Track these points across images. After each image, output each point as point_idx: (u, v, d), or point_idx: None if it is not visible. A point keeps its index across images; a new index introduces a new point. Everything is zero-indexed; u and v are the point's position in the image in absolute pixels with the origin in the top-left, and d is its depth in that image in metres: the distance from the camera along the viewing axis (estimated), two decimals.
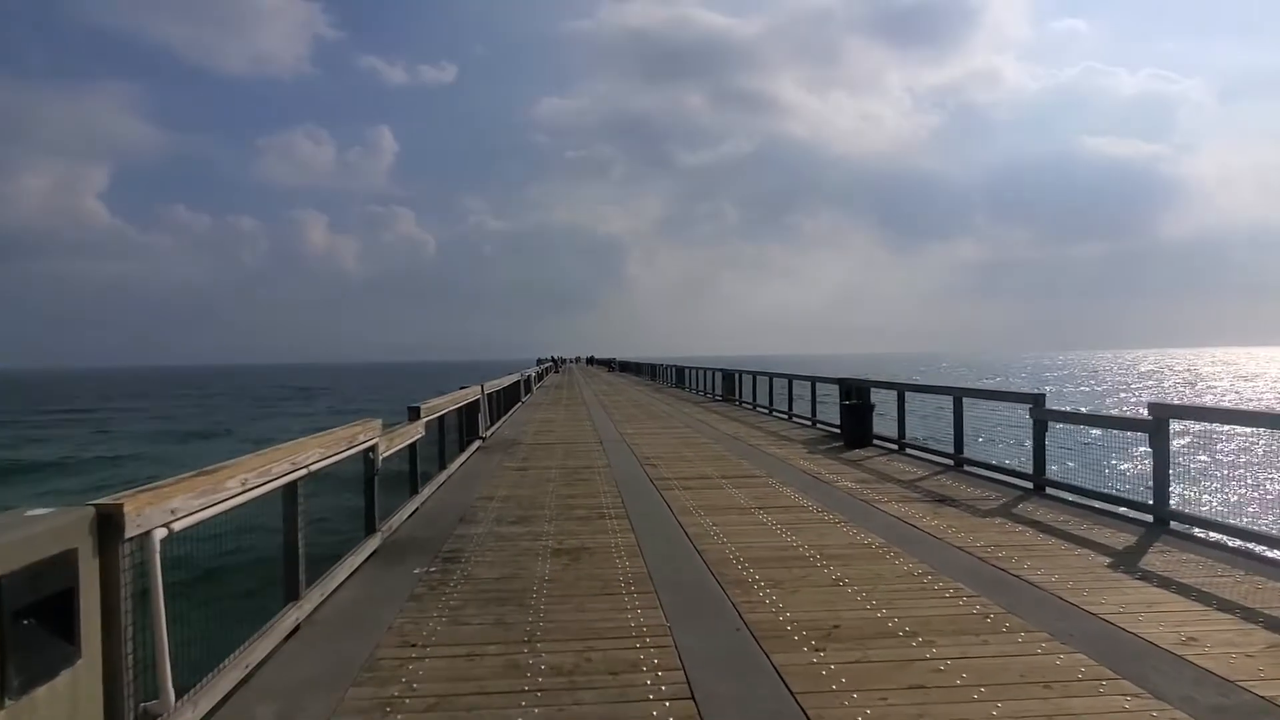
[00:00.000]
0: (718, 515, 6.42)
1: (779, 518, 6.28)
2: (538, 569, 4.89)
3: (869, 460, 9.57)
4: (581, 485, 8.01)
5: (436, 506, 6.96)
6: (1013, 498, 7.10)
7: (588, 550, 5.35)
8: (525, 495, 7.47)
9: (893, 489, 7.57)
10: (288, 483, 3.84)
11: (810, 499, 7.05)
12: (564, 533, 5.89)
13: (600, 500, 7.18)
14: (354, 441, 4.86)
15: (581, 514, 6.58)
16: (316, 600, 4.10)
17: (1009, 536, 5.64)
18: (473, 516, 6.52)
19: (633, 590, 4.44)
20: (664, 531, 5.90)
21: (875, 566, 4.87)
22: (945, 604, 4.16)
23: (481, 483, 8.22)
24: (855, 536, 5.65)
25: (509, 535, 5.82)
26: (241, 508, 3.35)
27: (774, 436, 12.51)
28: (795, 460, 9.62)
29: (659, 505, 6.93)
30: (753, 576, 4.66)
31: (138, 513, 2.45)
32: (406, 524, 6.17)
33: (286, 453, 3.79)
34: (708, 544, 5.47)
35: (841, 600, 4.23)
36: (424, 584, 4.60)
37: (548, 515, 6.52)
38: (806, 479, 8.20)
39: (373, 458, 5.39)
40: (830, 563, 4.94)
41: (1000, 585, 4.47)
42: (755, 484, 7.94)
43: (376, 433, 5.41)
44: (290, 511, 3.93)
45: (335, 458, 4.49)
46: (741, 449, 10.85)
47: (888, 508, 6.63)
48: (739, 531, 5.82)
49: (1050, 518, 6.24)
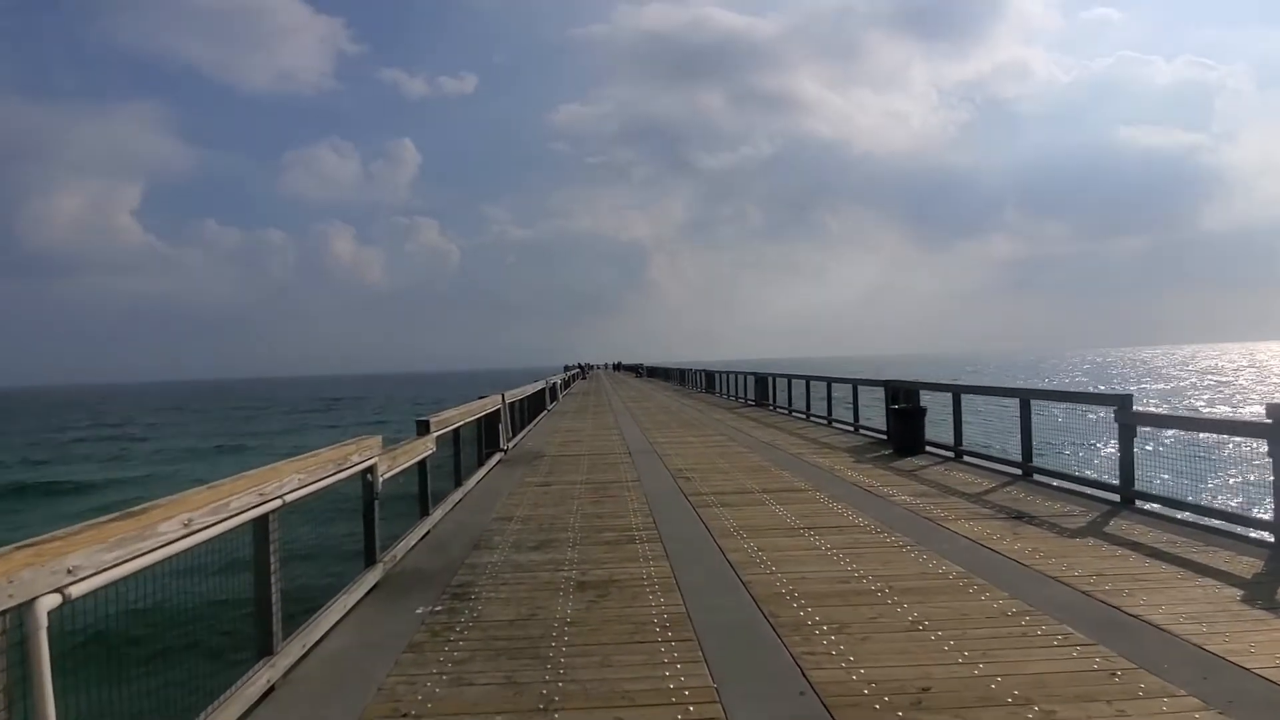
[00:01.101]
0: (762, 537, 5.68)
1: (833, 540, 5.52)
2: (558, 608, 4.20)
3: (924, 470, 8.73)
4: (609, 503, 7.32)
5: (449, 530, 6.33)
6: (1100, 513, 6.22)
7: (616, 583, 4.65)
8: (547, 515, 6.80)
9: (959, 504, 6.74)
10: (257, 517, 3.22)
11: (866, 517, 6.26)
12: (589, 561, 5.20)
13: (629, 520, 6.47)
14: (345, 463, 4.23)
15: (609, 537, 5.88)
16: (296, 653, 3.46)
17: (1109, 562, 4.80)
18: (488, 541, 5.86)
19: (670, 637, 3.73)
20: (702, 559, 5.18)
21: (958, 603, 4.08)
22: (1055, 656, 3.37)
23: (500, 501, 7.58)
24: (927, 564, 4.86)
25: (527, 565, 5.15)
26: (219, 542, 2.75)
27: (815, 444, 11.70)
28: (842, 470, 8.82)
29: (695, 526, 6.20)
30: (812, 617, 3.92)
31: (9, 577, 1.82)
32: (414, 552, 5.54)
33: (252, 482, 3.16)
34: (754, 574, 4.73)
35: (925, 651, 3.46)
36: (426, 628, 3.95)
37: (571, 539, 5.84)
38: (858, 493, 7.40)
39: (371, 480, 4.77)
40: (903, 599, 4.17)
41: (1117, 629, 3.66)
42: (801, 499, 7.16)
43: (375, 451, 4.78)
44: (261, 551, 3.30)
45: (320, 483, 3.86)
46: (782, 458, 10.07)
47: (957, 527, 5.82)
48: (789, 558, 5.08)
49: (1152, 538, 5.38)
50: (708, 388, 31.80)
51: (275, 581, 3.33)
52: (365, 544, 4.77)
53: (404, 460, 5.46)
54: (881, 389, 12.49)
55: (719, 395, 28.04)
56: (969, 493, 7.25)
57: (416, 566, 5.19)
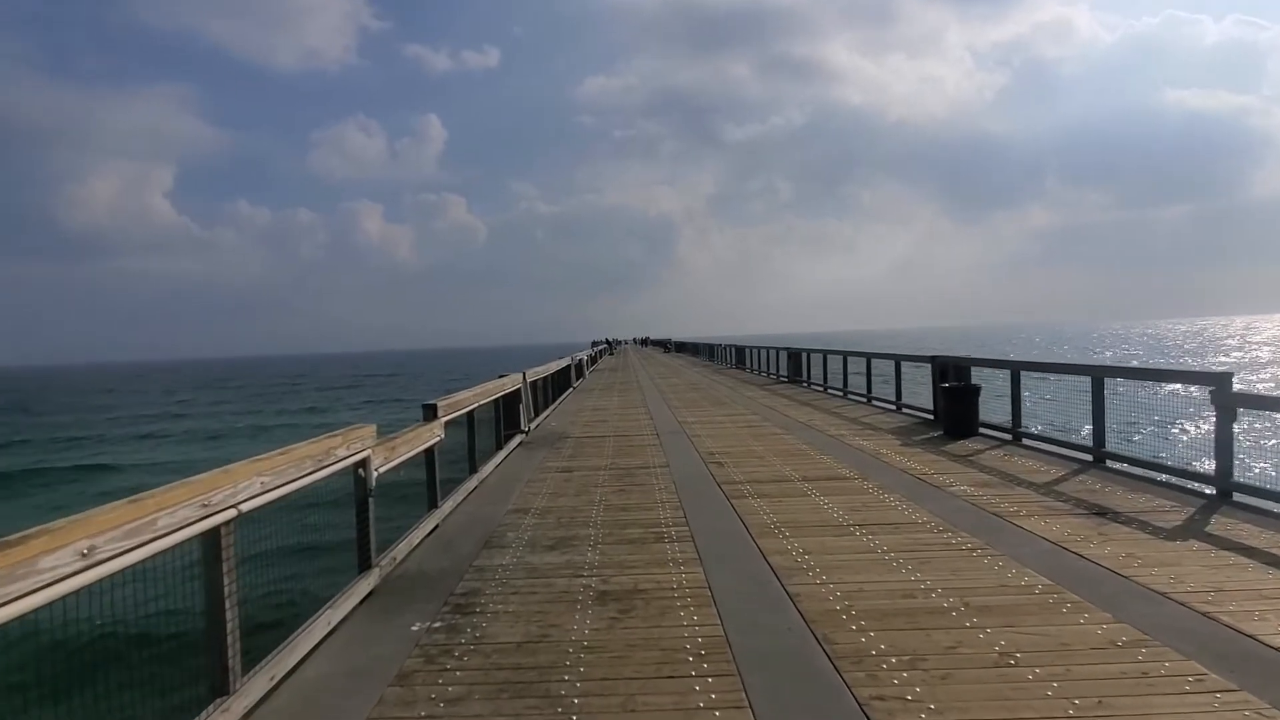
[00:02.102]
0: (807, 536, 5.02)
1: (890, 541, 4.84)
2: (574, 626, 3.61)
3: (980, 455, 7.95)
4: (635, 492, 6.71)
5: (459, 524, 5.78)
6: (1195, 509, 5.44)
7: (642, 595, 4.04)
8: (567, 507, 6.22)
9: (1028, 496, 5.98)
10: (205, 530, 2.66)
11: (924, 511, 5.56)
12: (611, 564, 4.60)
13: (657, 514, 5.86)
14: (326, 459, 3.66)
15: (634, 534, 5.28)
16: (261, 689, 2.92)
17: (1225, 573, 4.05)
18: (501, 538, 5.30)
19: (705, 670, 3.11)
20: (741, 563, 4.54)
21: (1053, 628, 3.40)
22: (1190, 706, 2.69)
23: (518, 489, 7.02)
24: (1004, 572, 4.16)
25: (542, 568, 4.57)
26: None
27: (856, 424, 10.94)
28: (889, 455, 8.08)
29: (730, 521, 5.57)
30: (875, 645, 3.27)
31: None
32: (418, 551, 4.99)
33: (194, 491, 2.59)
34: (801, 584, 4.09)
35: (1022, 696, 2.79)
36: (421, 651, 3.39)
37: (592, 537, 5.25)
38: (910, 481, 6.68)
39: (364, 475, 4.21)
40: (984, 621, 3.49)
41: (1261, 668, 2.95)
42: (847, 489, 6.48)
43: (368, 443, 4.22)
44: (213, 572, 2.75)
45: (291, 485, 3.29)
46: (821, 441, 9.35)
47: (1032, 525, 5.09)
48: (841, 564, 4.42)
49: (1268, 541, 4.60)
50: (738, 363, 31.02)
51: (232, 607, 2.77)
52: (358, 548, 4.22)
53: (405, 450, 4.90)
54: (926, 366, 11.68)
55: (749, 371, 27.26)
56: (1037, 482, 6.49)
57: (419, 568, 4.64)
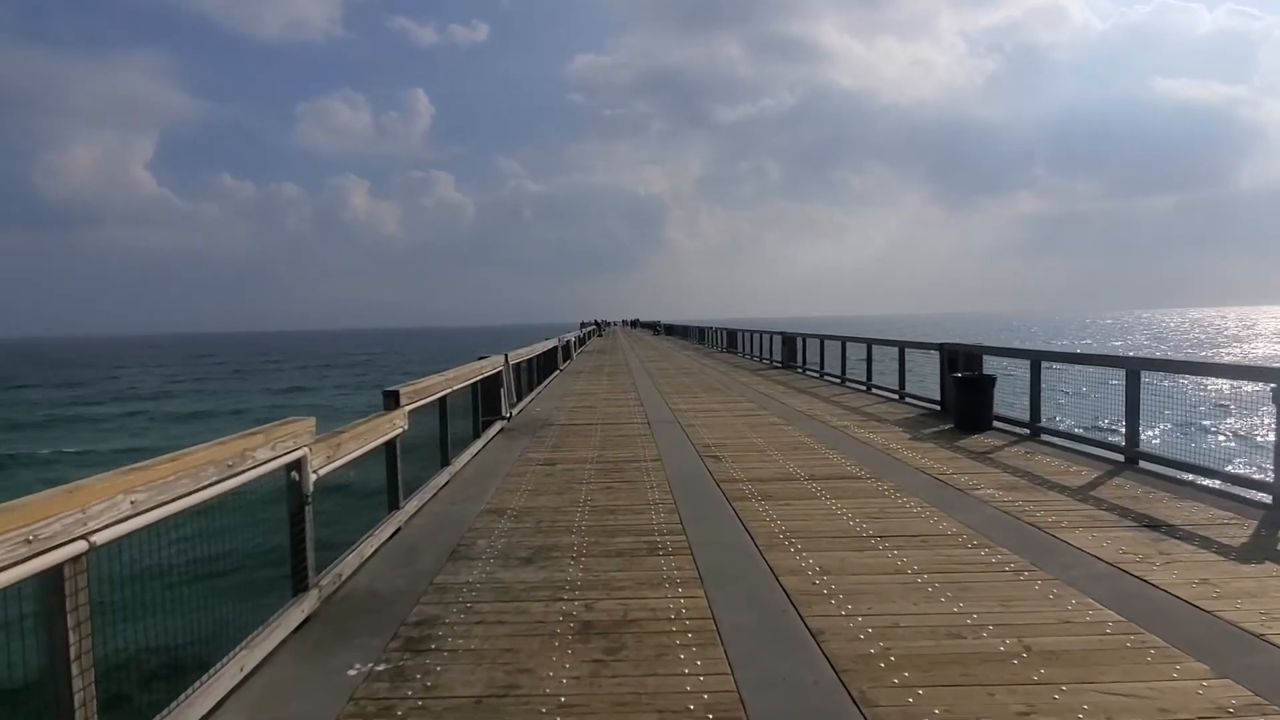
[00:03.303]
0: (823, 551, 4.36)
1: (919, 558, 4.17)
2: (549, 673, 2.92)
3: (1000, 453, 7.32)
4: (624, 491, 6.02)
5: (424, 527, 5.07)
6: (1258, 520, 4.81)
7: (633, 627, 3.36)
8: (548, 508, 5.52)
9: (1065, 503, 5.35)
10: (38, 572, 1.93)
11: (951, 520, 4.91)
12: (597, 583, 3.91)
13: (650, 518, 5.18)
14: (239, 463, 2.92)
15: (624, 544, 4.59)
16: None
17: None
18: (470, 547, 4.60)
19: None
20: (749, 585, 3.87)
21: (1141, 684, 2.74)
22: None
23: (495, 485, 6.32)
24: (1062, 603, 3.51)
25: (514, 588, 3.87)
26: None
27: (859, 415, 10.30)
28: (900, 451, 7.44)
29: (733, 529, 4.90)
30: (928, 709, 2.60)
31: None
32: (371, 563, 4.27)
33: (17, 519, 1.86)
34: (824, 617, 3.42)
35: None
36: (355, 708, 2.69)
37: (575, 546, 4.56)
38: (929, 483, 6.04)
39: (298, 478, 3.48)
40: (1054, 672, 2.83)
41: None
42: (861, 491, 5.82)
43: (304, 439, 3.48)
44: (52, 629, 2.02)
45: (180, 502, 2.55)
46: (824, 433, 8.70)
47: (1079, 539, 4.45)
48: (867, 588, 3.75)
49: None
50: (729, 347, 30.36)
51: (83, 671, 2.06)
52: (292, 566, 3.50)
53: (355, 446, 4.15)
54: (931, 353, 11.06)
55: (741, 355, 26.62)
56: (1069, 486, 5.86)
57: (369, 587, 3.93)
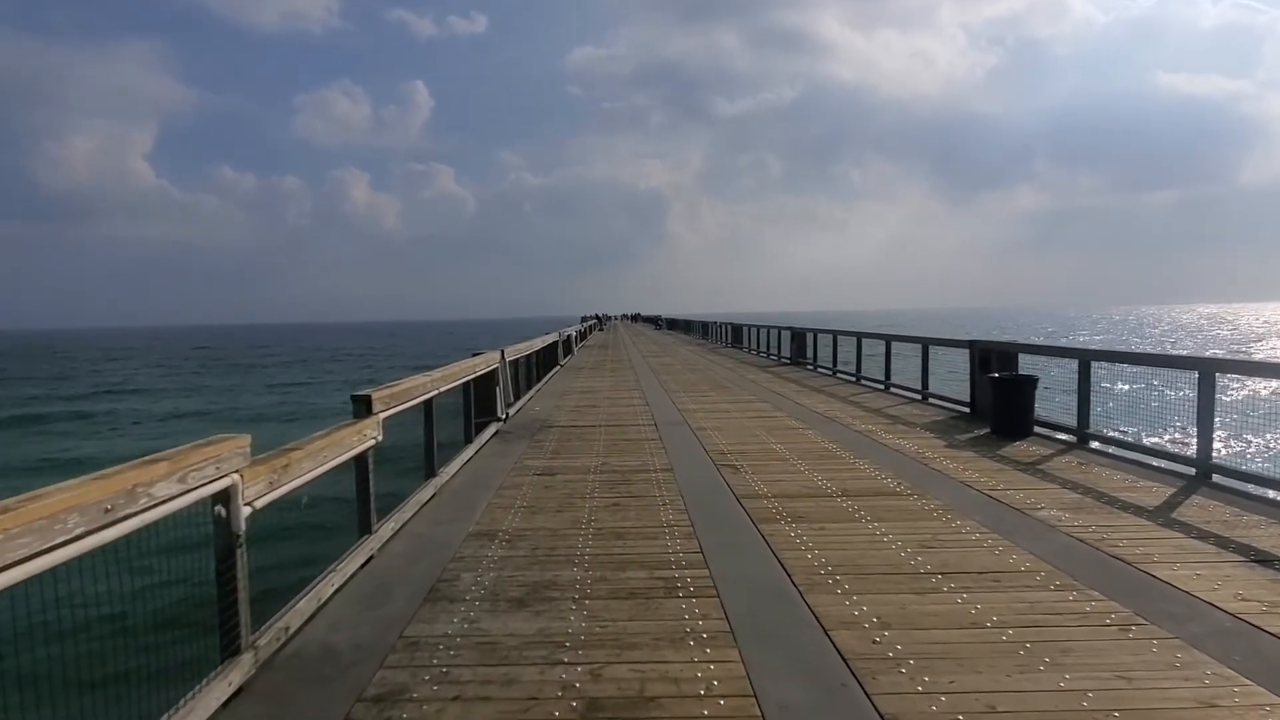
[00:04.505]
0: (877, 593, 3.61)
1: (996, 606, 3.42)
2: None
3: (1049, 463, 6.57)
4: (633, 509, 5.28)
5: (400, 557, 4.32)
6: None
7: (653, 708, 2.61)
8: (545, 530, 4.78)
9: (1146, 529, 4.59)
10: None
11: (1021, 551, 4.16)
12: (604, 637, 3.17)
13: (664, 545, 4.43)
14: (125, 505, 2.16)
15: (635, 581, 3.85)
16: None
17: None
18: (452, 584, 3.85)
19: None
20: (794, 646, 3.11)
21: None
22: None
23: (486, 500, 5.57)
24: (1196, 675, 2.76)
25: (503, 645, 3.13)
26: None
27: (882, 417, 9.55)
28: (938, 460, 6.69)
29: (763, 561, 4.15)
30: None
31: None
32: (330, 609, 3.52)
33: None
34: (898, 697, 2.66)
35: None
36: None
37: (578, 583, 3.82)
38: (980, 501, 5.29)
39: (226, 514, 2.73)
40: None
41: None
42: (904, 511, 5.07)
43: (233, 463, 2.72)
44: None
45: (21, 567, 1.80)
46: (849, 438, 7.95)
47: (1184, 580, 3.69)
48: (946, 651, 3.00)
49: None
50: (733, 342, 29.59)
51: None
52: (220, 624, 2.75)
53: (308, 466, 3.40)
54: (957, 351, 10.31)
55: (747, 351, 25.86)
56: (1143, 505, 5.11)
57: (324, 642, 3.18)
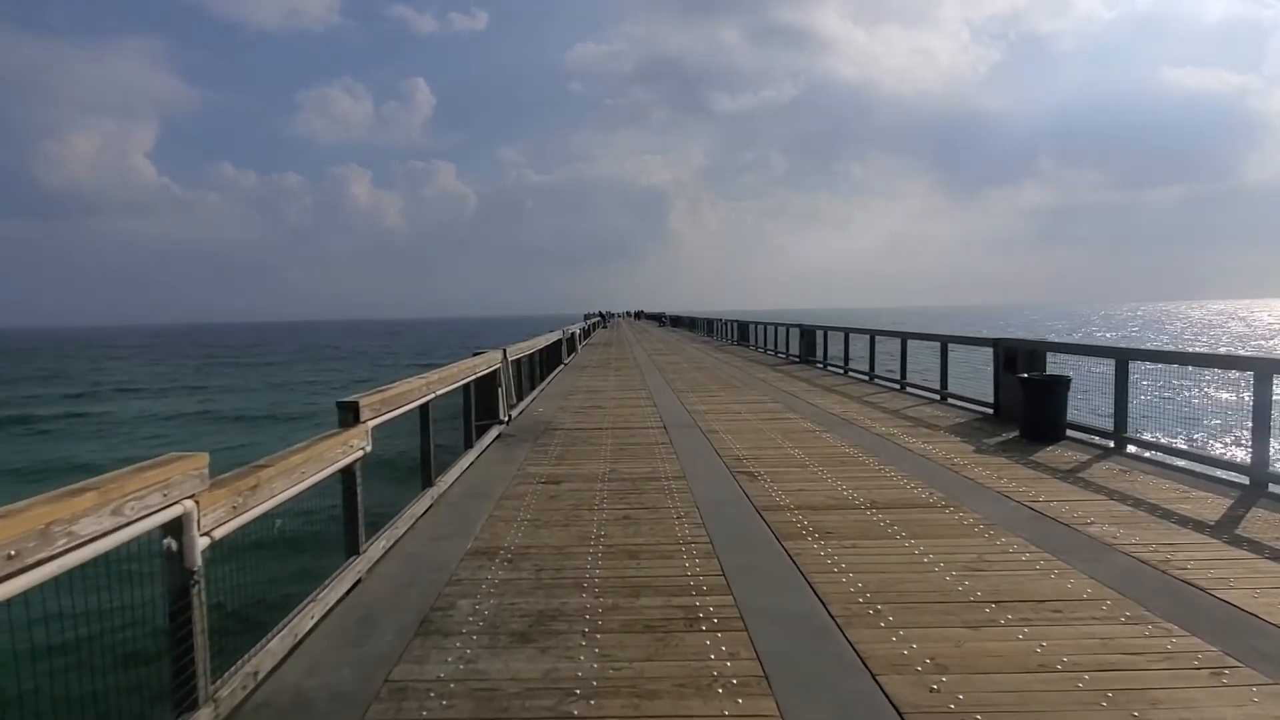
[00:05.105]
0: (929, 629, 3.19)
1: (1069, 644, 3.00)
2: None
3: (1087, 470, 6.14)
4: (646, 522, 4.86)
5: (390, 580, 3.91)
6: None
7: None
8: (550, 547, 4.37)
9: (1213, 549, 4.16)
10: None
11: (1081, 575, 3.73)
12: (620, 684, 2.76)
13: (682, 566, 4.02)
14: (37, 549, 1.75)
15: (651, 610, 3.43)
16: None
17: None
18: (447, 612, 3.44)
19: None
20: (840, 696, 2.68)
21: None
22: None
23: (486, 512, 5.16)
24: None
25: (503, 692, 2.72)
26: None
27: (902, 419, 9.12)
28: (969, 467, 6.26)
29: (794, 587, 3.72)
30: None
31: None
32: (307, 646, 3.11)
33: None
34: None
35: None
36: None
37: (587, 611, 3.40)
38: (1024, 514, 4.86)
39: (177, 549, 2.32)
40: None
41: None
42: (942, 526, 4.65)
43: (185, 488, 2.32)
44: None
45: None
46: (870, 442, 7.53)
47: (1275, 613, 3.28)
48: (1017, 703, 2.57)
49: None
50: (740, 339, 29.16)
51: None
52: (173, 674, 2.35)
53: (285, 484, 2.98)
54: (970, 348, 9.88)
55: (754, 349, 25.42)
56: (1201, 520, 4.68)
57: (298, 689, 2.77)
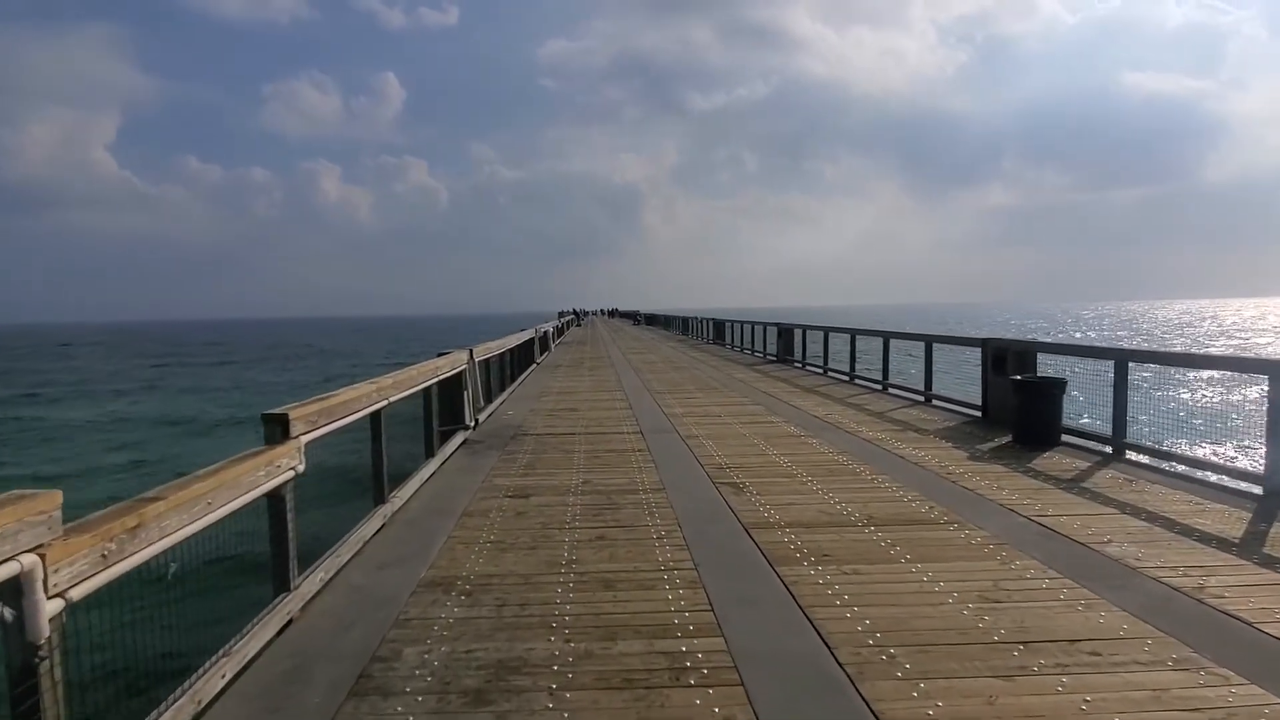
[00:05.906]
0: (952, 680, 2.75)
1: (1114, 696, 2.58)
2: None
3: (1091, 479, 5.80)
4: (622, 544, 4.37)
5: (328, 618, 3.37)
6: None
7: None
8: (516, 577, 3.85)
9: (1244, 570, 3.78)
10: None
11: (1111, 607, 3.34)
12: None
13: (664, 598, 3.54)
14: None
15: (630, 657, 2.95)
16: None
17: None
18: (389, 665, 2.92)
19: None
20: None
21: None
22: None
23: (445, 533, 4.63)
24: None
25: None
26: None
27: (889, 423, 8.75)
28: (967, 477, 5.88)
29: (793, 624, 3.27)
30: None
31: None
32: (213, 713, 2.58)
33: None
34: None
35: None
36: None
37: (556, 660, 2.91)
38: (1035, 532, 4.47)
39: (15, 616, 1.77)
40: None
41: None
42: (950, 547, 4.23)
43: (20, 539, 1.78)
44: None
45: None
46: (859, 448, 7.12)
47: None
48: None
49: None
50: (715, 338, 28.81)
51: None
52: None
53: (181, 522, 2.43)
54: (980, 350, 9.57)
55: (730, 348, 25.07)
56: (1224, 537, 4.33)
57: None
